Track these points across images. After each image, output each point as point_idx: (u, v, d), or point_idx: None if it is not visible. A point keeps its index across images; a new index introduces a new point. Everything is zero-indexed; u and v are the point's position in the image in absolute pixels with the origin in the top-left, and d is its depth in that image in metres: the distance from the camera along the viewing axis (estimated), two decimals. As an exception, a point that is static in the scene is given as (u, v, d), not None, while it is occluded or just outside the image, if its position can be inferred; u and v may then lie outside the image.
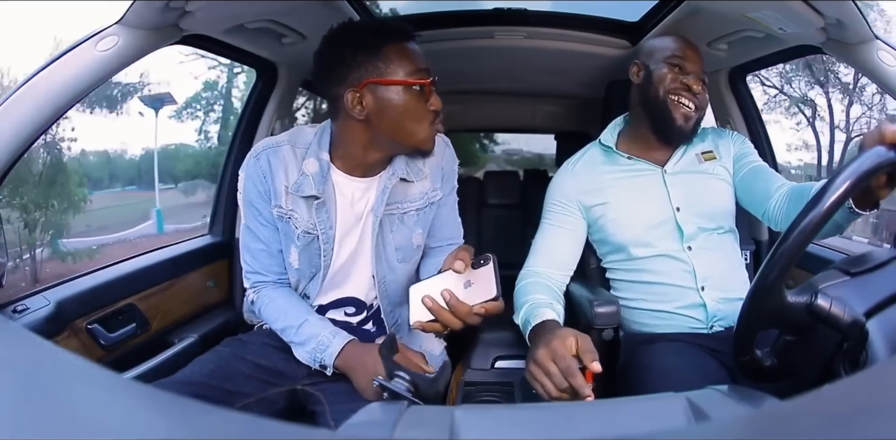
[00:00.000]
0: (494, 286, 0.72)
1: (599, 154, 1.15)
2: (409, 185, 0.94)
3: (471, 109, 2.37)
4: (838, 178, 0.57)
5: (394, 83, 0.82)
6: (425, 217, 0.97)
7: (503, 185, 2.45)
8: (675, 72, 1.06)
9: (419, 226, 0.97)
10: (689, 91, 1.04)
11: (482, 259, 0.75)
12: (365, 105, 0.83)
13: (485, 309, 0.73)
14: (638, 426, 0.41)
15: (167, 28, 0.93)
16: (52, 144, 3.91)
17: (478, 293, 0.73)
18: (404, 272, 0.99)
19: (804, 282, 0.63)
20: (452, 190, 1.02)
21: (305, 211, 0.90)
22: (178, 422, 0.23)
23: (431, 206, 0.97)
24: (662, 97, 1.06)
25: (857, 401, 0.23)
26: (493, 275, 0.73)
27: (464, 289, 0.74)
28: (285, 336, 0.93)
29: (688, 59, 1.07)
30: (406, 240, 0.96)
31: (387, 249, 0.95)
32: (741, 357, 0.65)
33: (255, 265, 0.97)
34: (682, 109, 1.05)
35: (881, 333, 0.54)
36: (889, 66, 0.96)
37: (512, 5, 1.48)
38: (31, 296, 0.95)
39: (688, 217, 1.05)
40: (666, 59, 1.07)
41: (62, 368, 0.26)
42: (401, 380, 0.62)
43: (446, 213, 1.02)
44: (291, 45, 1.28)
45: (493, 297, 0.72)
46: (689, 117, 1.05)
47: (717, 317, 1.02)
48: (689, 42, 1.10)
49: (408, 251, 0.97)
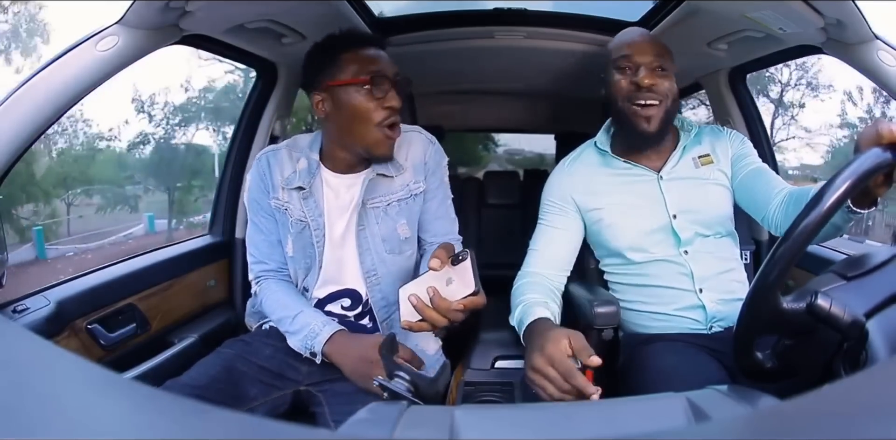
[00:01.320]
0: (472, 281, 0.72)
1: (595, 156, 1.13)
2: (391, 179, 1.01)
3: (471, 109, 2.37)
4: (837, 179, 0.57)
5: (344, 83, 0.92)
6: (409, 208, 1.03)
7: (503, 185, 2.45)
8: (625, 74, 1.03)
9: (402, 217, 1.02)
10: (642, 88, 1.00)
11: (460, 255, 0.75)
12: (325, 106, 0.95)
13: (463, 305, 0.72)
14: (638, 426, 0.41)
15: (167, 28, 0.93)
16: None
17: (458, 289, 0.73)
18: (396, 265, 1.03)
19: (800, 288, 0.63)
20: (441, 185, 1.06)
21: (297, 202, 1.00)
22: (177, 422, 0.23)
23: (415, 198, 1.03)
24: (620, 106, 1.04)
25: (857, 401, 0.23)
26: (471, 270, 0.73)
27: (446, 287, 0.74)
28: (281, 326, 0.97)
29: (635, 52, 1.02)
30: (391, 231, 1.01)
31: (374, 240, 1.01)
32: (742, 361, 0.65)
33: (258, 254, 1.06)
34: (642, 115, 1.01)
35: (881, 333, 0.54)
36: (889, 66, 0.96)
37: (512, 5, 1.48)
38: (31, 296, 0.95)
39: (685, 224, 1.04)
40: (614, 63, 1.05)
41: (62, 368, 0.26)
42: (401, 380, 0.62)
43: (436, 207, 1.06)
44: (291, 45, 1.28)
45: (471, 292, 0.72)
46: (650, 118, 1.01)
47: (717, 318, 1.02)
48: (635, 34, 1.07)
49: (394, 242, 1.02)
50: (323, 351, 0.90)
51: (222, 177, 1.48)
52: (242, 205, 1.44)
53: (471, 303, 0.73)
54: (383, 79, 0.92)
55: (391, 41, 1.52)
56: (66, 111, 0.85)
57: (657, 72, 1.02)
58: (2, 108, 0.80)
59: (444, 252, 0.77)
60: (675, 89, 1.04)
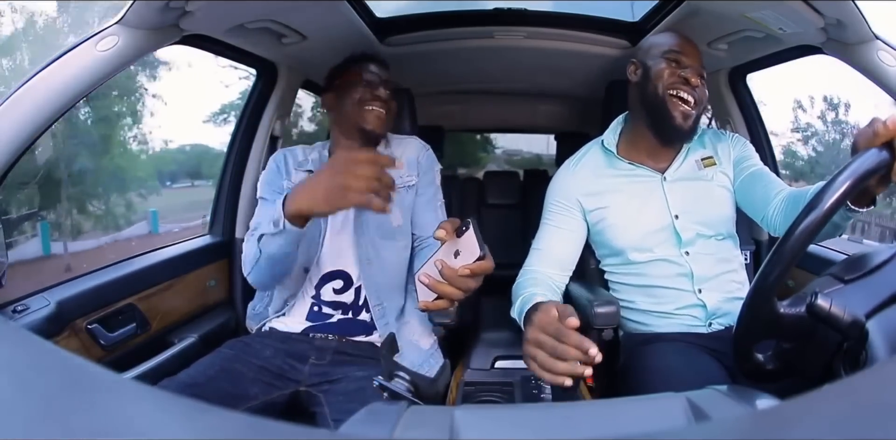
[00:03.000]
0: (477, 246, 0.71)
1: (601, 156, 1.14)
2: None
3: (471, 109, 2.37)
4: (837, 179, 0.57)
5: (346, 80, 1.16)
6: (401, 199, 1.13)
7: (503, 185, 2.45)
8: (672, 66, 1.04)
9: (395, 207, 1.10)
10: (688, 84, 1.02)
11: (463, 225, 0.75)
12: (331, 100, 1.18)
13: (470, 270, 0.71)
14: (638, 426, 0.41)
15: (167, 28, 0.93)
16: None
17: (465, 258, 0.72)
18: (390, 252, 1.10)
19: (798, 292, 0.63)
20: (432, 185, 1.18)
21: None
22: (177, 422, 0.23)
23: (408, 189, 1.15)
24: (661, 94, 1.03)
25: (857, 401, 0.23)
26: (475, 237, 0.72)
27: (454, 259, 0.74)
28: (265, 245, 0.90)
29: (685, 53, 1.05)
30: (384, 218, 1.10)
31: (370, 226, 1.10)
32: (743, 364, 0.65)
33: (260, 217, 1.10)
34: (680, 107, 1.03)
35: (881, 333, 0.54)
36: (889, 66, 0.96)
37: (512, 5, 1.48)
38: (31, 296, 0.95)
39: (686, 224, 1.05)
40: (663, 55, 1.05)
41: (62, 368, 0.26)
42: (401, 380, 0.62)
43: (426, 202, 1.16)
44: (291, 45, 1.28)
45: (478, 257, 0.71)
46: (687, 115, 1.03)
47: (716, 315, 1.02)
48: (685, 37, 1.09)
49: (387, 229, 1.11)
50: (286, 212, 0.82)
51: (222, 177, 1.48)
52: (242, 205, 1.44)
53: (478, 267, 0.71)
54: (376, 76, 1.16)
55: (391, 41, 1.52)
56: (67, 111, 0.85)
57: (700, 79, 1.04)
58: (2, 108, 0.80)
59: (448, 224, 0.75)
60: (706, 99, 1.06)
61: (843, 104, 4.07)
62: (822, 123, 4.22)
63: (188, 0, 0.87)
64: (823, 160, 4.00)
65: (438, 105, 2.29)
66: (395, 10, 1.56)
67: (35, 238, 4.66)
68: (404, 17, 1.55)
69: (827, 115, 4.18)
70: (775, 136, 1.66)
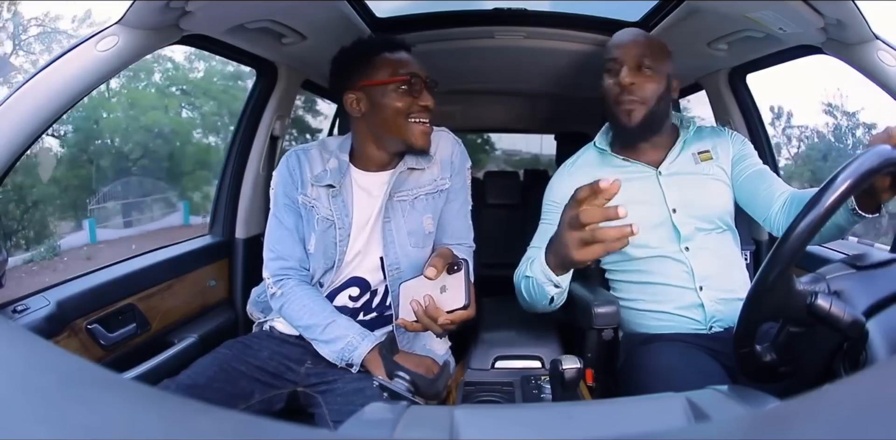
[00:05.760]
0: (464, 294, 0.73)
1: (595, 156, 1.15)
2: (420, 173, 1.03)
3: (471, 109, 2.37)
4: (839, 176, 0.56)
5: (381, 83, 0.97)
6: (434, 203, 1.04)
7: (503, 185, 2.45)
8: (612, 76, 1.05)
9: (429, 211, 1.04)
10: (625, 91, 1.02)
11: (455, 264, 0.76)
12: (361, 105, 0.99)
13: (450, 320, 0.74)
14: (638, 426, 0.41)
15: (167, 28, 0.93)
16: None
17: (451, 300, 0.75)
18: (419, 258, 1.02)
19: (813, 272, 0.63)
20: (464, 187, 1.09)
21: (326, 200, 1.01)
22: (177, 422, 0.23)
23: (441, 193, 1.05)
24: (610, 107, 1.07)
25: (857, 401, 0.23)
26: (464, 282, 0.74)
27: (440, 294, 0.76)
28: (308, 333, 0.96)
29: (620, 52, 1.04)
30: (417, 225, 1.02)
31: (400, 234, 1.01)
32: (741, 348, 0.64)
33: (279, 249, 1.03)
34: (623, 108, 1.04)
35: (881, 333, 0.54)
36: (889, 66, 0.96)
37: (512, 5, 1.48)
38: (31, 296, 0.95)
39: (684, 218, 1.05)
40: (605, 67, 1.07)
41: (62, 368, 0.26)
42: (401, 380, 0.62)
43: (456, 209, 1.07)
44: (291, 45, 1.27)
45: (461, 306, 0.73)
46: (631, 112, 1.03)
47: (716, 318, 1.02)
48: (625, 34, 1.08)
49: (420, 236, 1.02)
50: (363, 362, 0.91)
51: (221, 177, 1.48)
52: (242, 205, 1.44)
53: (458, 317, 0.75)
54: (418, 78, 0.98)
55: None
56: (67, 111, 0.85)
57: (640, 71, 1.03)
58: (2, 108, 0.80)
59: (440, 260, 0.78)
60: (659, 90, 1.04)
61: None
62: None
63: (188, 0, 0.87)
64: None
65: (438, 105, 2.28)
66: (395, 10, 1.55)
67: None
68: (404, 16, 1.54)
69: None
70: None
